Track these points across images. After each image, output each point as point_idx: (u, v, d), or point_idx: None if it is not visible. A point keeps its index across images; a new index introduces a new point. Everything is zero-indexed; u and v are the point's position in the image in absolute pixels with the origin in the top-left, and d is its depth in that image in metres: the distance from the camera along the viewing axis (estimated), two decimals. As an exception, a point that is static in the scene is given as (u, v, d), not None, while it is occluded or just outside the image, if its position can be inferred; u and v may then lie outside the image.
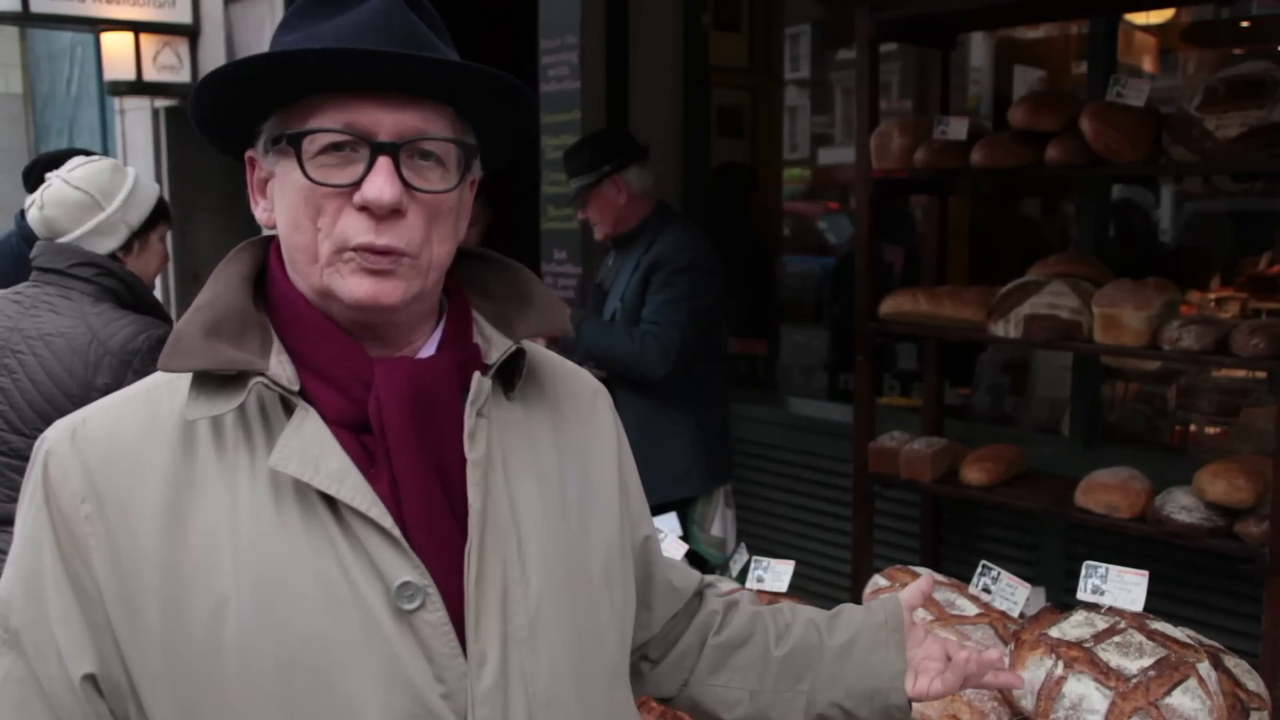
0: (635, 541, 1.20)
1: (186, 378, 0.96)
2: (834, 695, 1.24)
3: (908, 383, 4.46)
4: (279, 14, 5.17)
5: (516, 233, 4.75)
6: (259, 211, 1.04)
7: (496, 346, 1.05)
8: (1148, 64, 4.77)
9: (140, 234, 2.48)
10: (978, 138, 3.09)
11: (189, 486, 0.94)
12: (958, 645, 1.26)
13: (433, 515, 0.96)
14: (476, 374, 1.01)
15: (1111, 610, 1.80)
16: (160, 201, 2.55)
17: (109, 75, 6.00)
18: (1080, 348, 2.97)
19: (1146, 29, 4.65)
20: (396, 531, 0.93)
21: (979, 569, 2.02)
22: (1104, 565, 1.86)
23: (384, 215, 0.94)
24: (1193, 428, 3.92)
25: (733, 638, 1.27)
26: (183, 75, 6.03)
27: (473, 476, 0.98)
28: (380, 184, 0.93)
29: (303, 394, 0.96)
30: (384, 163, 0.94)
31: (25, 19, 5.76)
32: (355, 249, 0.94)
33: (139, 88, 5.99)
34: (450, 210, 1.00)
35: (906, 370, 4.45)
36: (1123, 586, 1.83)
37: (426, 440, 0.97)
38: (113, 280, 2.38)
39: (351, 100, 0.94)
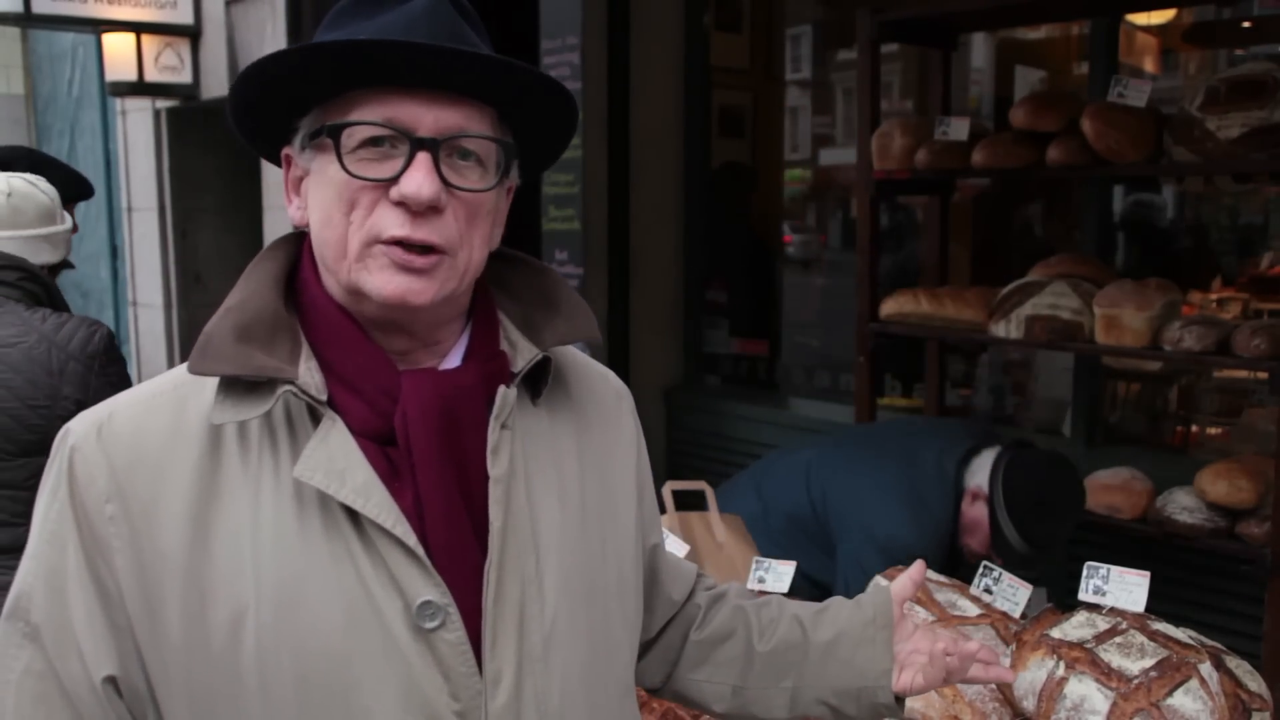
0: (645, 548, 1.20)
1: (213, 378, 0.95)
2: (819, 693, 1.23)
3: (909, 383, 4.46)
4: (280, 15, 5.17)
5: (517, 233, 4.75)
6: (293, 210, 1.02)
7: (523, 354, 1.03)
8: (1149, 64, 4.76)
9: (61, 264, 2.49)
10: (979, 138, 3.10)
11: (213, 492, 0.93)
12: (948, 636, 1.24)
13: (454, 532, 0.95)
14: (501, 387, 1.00)
15: (1113, 611, 1.79)
16: None
17: (110, 76, 5.99)
18: (1081, 348, 2.97)
19: (1148, 29, 4.65)
20: (420, 550, 0.92)
21: (980, 569, 2.02)
22: (1105, 566, 1.85)
23: (421, 211, 0.93)
24: (1194, 428, 3.92)
25: (715, 633, 1.27)
26: (184, 76, 6.02)
27: (494, 494, 0.97)
28: (419, 179, 0.92)
29: (330, 403, 0.95)
30: (423, 158, 0.92)
31: (27, 20, 5.75)
32: (387, 242, 0.93)
33: (140, 88, 5.98)
34: (488, 212, 0.99)
35: (907, 370, 4.44)
36: (1124, 587, 1.83)
37: (451, 454, 0.96)
38: (36, 285, 2.32)
39: (393, 96, 0.93)
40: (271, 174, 5.35)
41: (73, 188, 2.95)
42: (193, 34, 6.04)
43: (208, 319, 0.98)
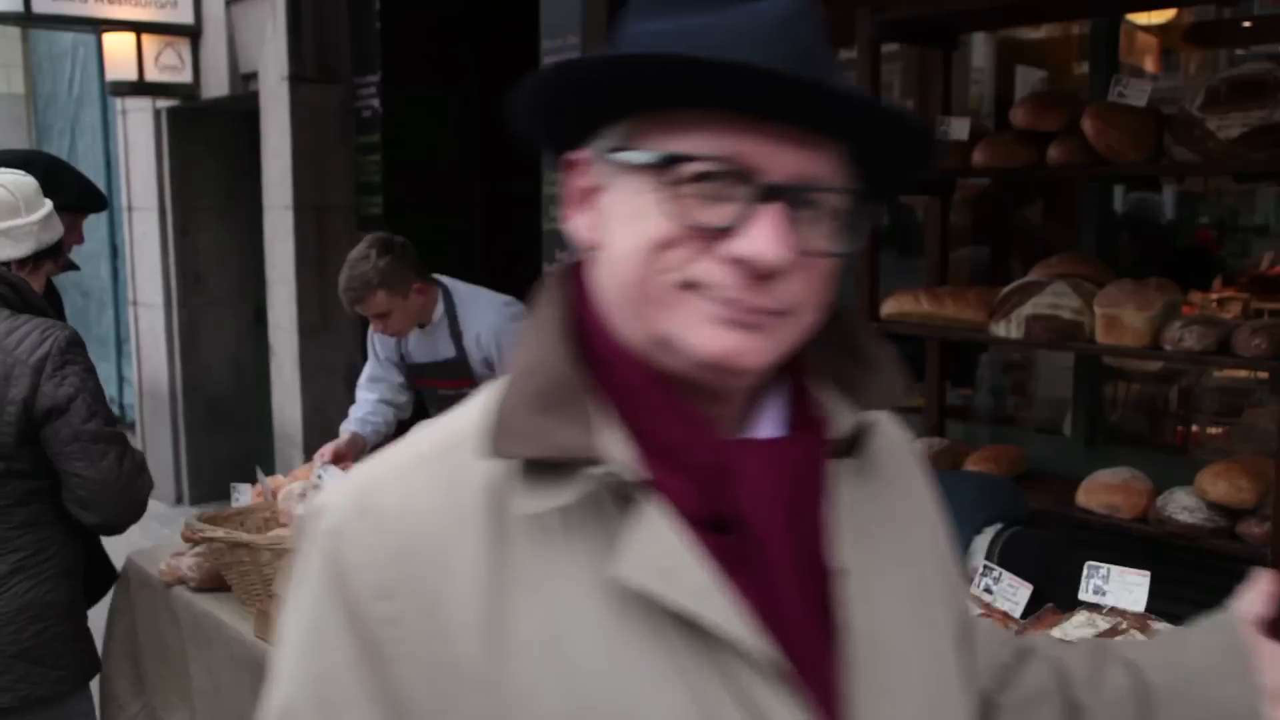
0: (963, 624, 0.99)
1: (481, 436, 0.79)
2: None
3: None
4: (281, 14, 5.16)
5: (517, 233, 4.75)
6: (580, 228, 0.83)
7: (841, 419, 0.85)
8: (1149, 64, 4.76)
9: (44, 255, 2.44)
10: (979, 138, 3.10)
11: (503, 589, 0.76)
12: None
13: (809, 640, 0.80)
14: (835, 460, 0.85)
15: (1113, 611, 1.80)
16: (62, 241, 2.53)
17: (111, 76, 5.99)
18: (1082, 348, 2.97)
19: (1148, 29, 4.65)
20: (784, 667, 0.76)
21: (980, 569, 2.02)
22: (1105, 566, 1.86)
23: (763, 275, 0.75)
24: (1194, 428, 3.92)
25: (1029, 695, 1.02)
26: (184, 76, 6.01)
27: (845, 588, 0.82)
28: (766, 239, 0.74)
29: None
30: (772, 211, 0.74)
31: (27, 19, 5.75)
32: (714, 300, 0.76)
33: (141, 88, 5.97)
34: (835, 274, 0.81)
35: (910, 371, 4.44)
36: (1124, 587, 1.83)
37: (799, 544, 0.81)
38: (3, 286, 2.26)
39: (735, 124, 0.74)
40: (271, 174, 5.34)
41: (86, 199, 2.93)
42: (193, 34, 6.04)
43: (208, 319, 0.92)
